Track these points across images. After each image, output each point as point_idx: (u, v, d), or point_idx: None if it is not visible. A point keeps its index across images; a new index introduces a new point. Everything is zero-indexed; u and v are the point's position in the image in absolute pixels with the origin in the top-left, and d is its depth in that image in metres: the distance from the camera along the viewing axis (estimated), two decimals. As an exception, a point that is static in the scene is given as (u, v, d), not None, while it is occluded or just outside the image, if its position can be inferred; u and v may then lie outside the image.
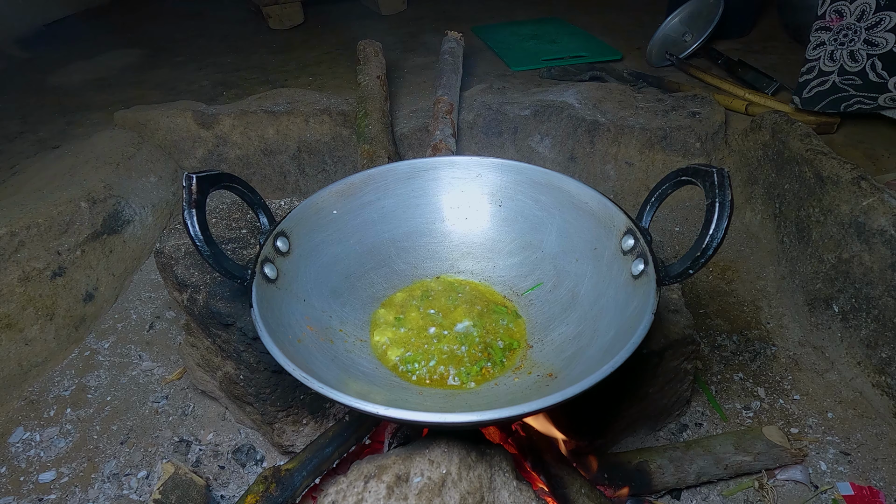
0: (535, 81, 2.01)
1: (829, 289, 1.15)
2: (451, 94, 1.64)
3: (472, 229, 0.96)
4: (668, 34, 2.16)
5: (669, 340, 0.90)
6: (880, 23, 1.25)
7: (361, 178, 0.92)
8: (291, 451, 0.98)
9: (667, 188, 0.74)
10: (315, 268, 0.85)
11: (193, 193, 0.70)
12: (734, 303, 1.30)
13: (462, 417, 0.58)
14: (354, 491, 0.68)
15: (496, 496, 0.70)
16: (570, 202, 0.87)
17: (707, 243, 0.64)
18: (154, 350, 1.25)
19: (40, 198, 1.32)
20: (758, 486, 0.93)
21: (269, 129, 1.72)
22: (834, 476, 0.96)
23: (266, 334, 0.66)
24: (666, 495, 0.93)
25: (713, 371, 1.14)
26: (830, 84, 1.37)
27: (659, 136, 1.56)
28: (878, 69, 1.30)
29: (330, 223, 0.89)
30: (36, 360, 1.19)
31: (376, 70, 1.75)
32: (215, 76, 2.36)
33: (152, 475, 1.00)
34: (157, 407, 1.12)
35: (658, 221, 1.55)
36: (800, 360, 1.16)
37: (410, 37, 2.59)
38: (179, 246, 1.01)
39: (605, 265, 0.80)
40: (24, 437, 1.08)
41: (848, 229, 1.12)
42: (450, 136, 1.43)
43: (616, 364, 0.60)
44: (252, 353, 0.90)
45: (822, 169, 1.21)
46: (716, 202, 0.64)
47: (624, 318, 0.71)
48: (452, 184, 0.96)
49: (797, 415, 1.06)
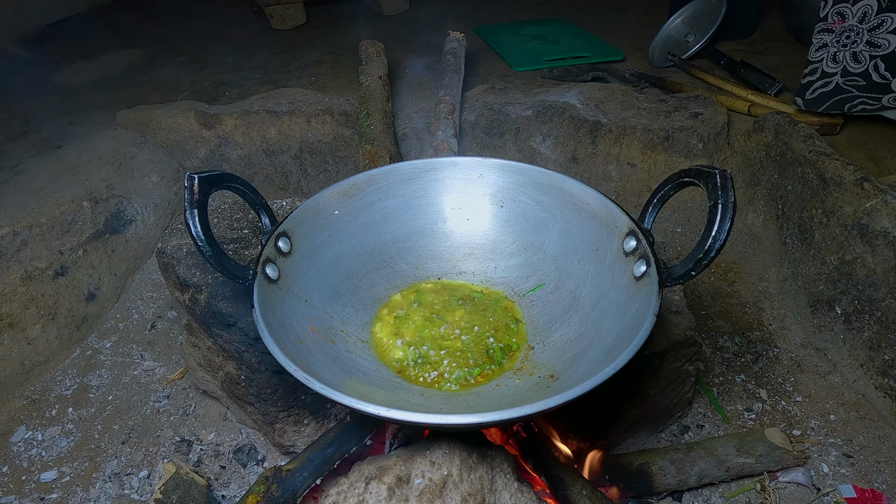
0: (537, 82, 2.00)
1: (832, 290, 1.14)
2: (453, 94, 1.63)
3: (474, 230, 0.96)
4: (670, 35, 2.16)
5: (671, 342, 0.90)
6: (882, 24, 1.25)
7: (363, 178, 0.92)
8: (292, 452, 0.98)
9: (669, 189, 0.73)
10: (316, 268, 0.85)
11: (195, 193, 0.70)
12: (736, 304, 1.29)
13: (463, 419, 0.58)
14: (355, 492, 0.68)
15: (497, 497, 0.70)
16: (572, 203, 0.87)
17: (710, 245, 0.64)
18: (156, 350, 1.25)
19: (43, 197, 1.32)
20: (759, 489, 0.93)
21: (270, 130, 1.73)
22: (836, 478, 0.95)
23: (267, 335, 0.66)
24: (667, 497, 0.93)
25: (715, 373, 1.14)
26: (834, 85, 1.37)
27: (661, 136, 1.56)
28: (881, 70, 1.30)
29: (331, 224, 0.89)
30: (38, 359, 1.19)
31: (378, 70, 1.75)
32: (217, 76, 2.36)
33: (153, 475, 1.00)
34: (158, 407, 1.12)
35: (661, 222, 1.55)
36: (802, 361, 1.16)
37: (412, 37, 2.59)
38: (181, 246, 1.01)
39: (607, 266, 0.79)
40: (25, 437, 1.08)
41: (851, 231, 1.11)
42: (452, 137, 1.43)
43: (618, 366, 0.60)
44: (253, 354, 0.90)
45: (824, 170, 1.21)
46: (718, 204, 0.64)
47: (626, 320, 0.70)
48: (454, 184, 0.96)
49: (799, 417, 1.05)
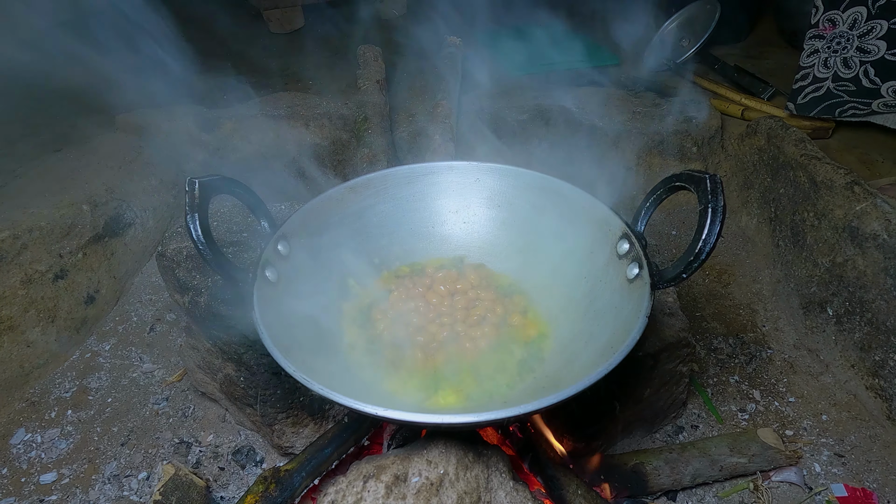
0: (534, 86, 2.02)
1: (824, 292, 1.16)
2: (450, 98, 1.65)
3: (470, 233, 0.97)
4: (665, 39, 2.17)
5: (665, 343, 0.91)
6: (872, 30, 1.27)
7: (361, 182, 0.93)
8: (291, 453, 0.99)
9: (661, 193, 0.75)
10: (315, 271, 0.86)
11: (196, 198, 0.71)
12: (730, 306, 1.31)
13: (459, 418, 0.59)
14: (353, 491, 0.69)
15: (493, 496, 0.71)
16: (567, 207, 0.88)
17: (700, 248, 0.65)
18: (155, 352, 1.26)
19: (42, 201, 1.33)
20: (753, 488, 0.94)
21: (269, 134, 1.73)
22: (828, 478, 0.97)
23: (267, 337, 0.67)
24: (662, 497, 0.94)
25: (709, 374, 1.15)
26: (825, 90, 1.39)
27: (656, 140, 1.57)
28: (871, 75, 1.32)
29: (330, 227, 0.90)
30: (37, 361, 1.20)
31: (376, 74, 1.76)
32: (216, 80, 2.37)
33: (153, 476, 1.01)
34: (157, 408, 1.13)
35: (656, 225, 1.56)
36: (795, 362, 1.17)
37: (410, 41, 2.60)
38: (181, 249, 1.02)
39: (601, 269, 0.81)
40: (25, 439, 1.08)
41: (842, 234, 1.13)
42: (449, 141, 1.44)
43: (610, 367, 0.61)
44: (252, 356, 0.91)
45: (816, 174, 1.22)
46: (708, 207, 0.65)
47: (619, 322, 0.72)
48: (451, 188, 0.97)
49: (792, 417, 1.07)
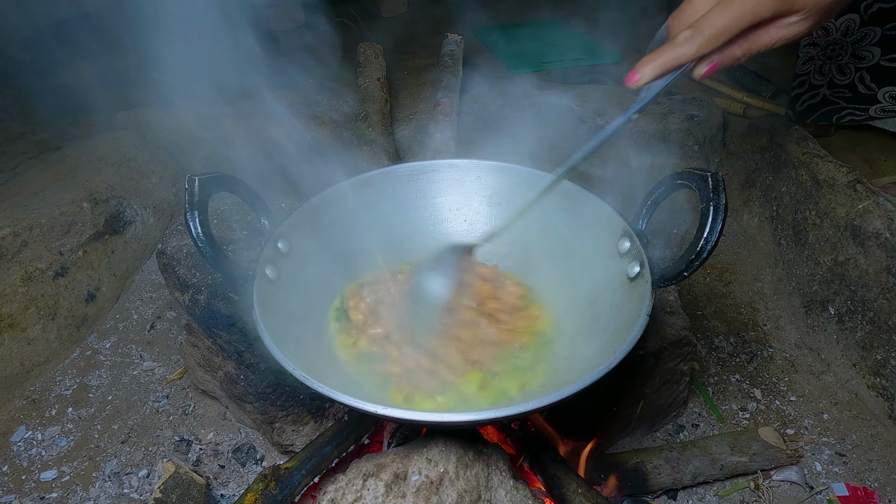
0: (535, 84, 2.01)
1: (825, 291, 1.16)
2: (450, 96, 1.64)
3: (471, 231, 0.97)
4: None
5: (666, 342, 0.91)
6: (865, 37, 1.27)
7: (361, 180, 0.93)
8: (291, 451, 0.99)
9: (663, 192, 0.75)
10: (315, 269, 0.85)
11: (196, 195, 0.71)
12: (731, 305, 1.31)
13: (459, 417, 0.59)
14: (353, 489, 0.69)
15: (493, 494, 0.71)
16: (568, 205, 0.88)
17: (701, 246, 0.65)
18: (155, 350, 1.26)
19: (43, 199, 1.33)
20: (753, 487, 0.94)
21: (269, 131, 1.73)
22: (829, 477, 0.97)
23: (267, 335, 0.67)
24: (662, 496, 0.94)
25: (710, 372, 1.15)
26: (821, 97, 1.39)
27: (657, 138, 1.57)
28: (867, 81, 1.31)
29: (330, 225, 0.89)
30: (38, 359, 1.20)
31: (376, 72, 1.76)
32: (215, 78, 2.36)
33: (153, 474, 1.01)
34: (157, 406, 1.13)
35: (658, 224, 1.55)
36: (796, 361, 1.17)
37: (411, 39, 2.59)
38: (181, 247, 1.02)
39: (602, 267, 0.81)
40: (25, 436, 1.08)
41: (844, 232, 1.12)
42: (449, 139, 1.44)
43: (610, 365, 0.61)
44: (253, 353, 0.91)
45: (818, 172, 1.22)
46: (710, 206, 0.65)
47: (620, 320, 0.72)
48: (451, 186, 0.97)
49: (793, 416, 1.07)
